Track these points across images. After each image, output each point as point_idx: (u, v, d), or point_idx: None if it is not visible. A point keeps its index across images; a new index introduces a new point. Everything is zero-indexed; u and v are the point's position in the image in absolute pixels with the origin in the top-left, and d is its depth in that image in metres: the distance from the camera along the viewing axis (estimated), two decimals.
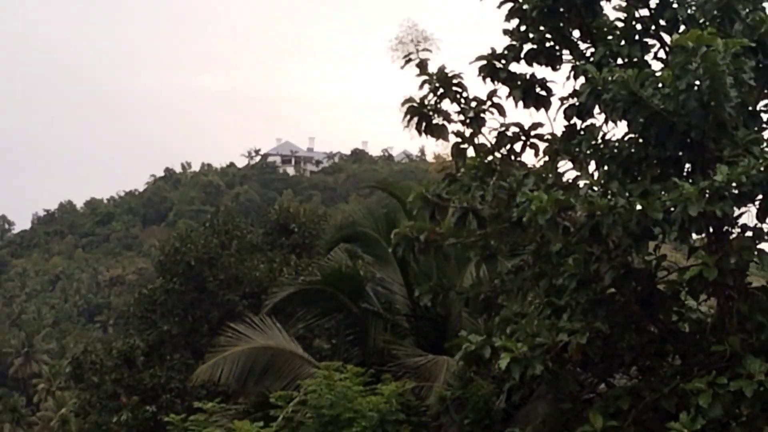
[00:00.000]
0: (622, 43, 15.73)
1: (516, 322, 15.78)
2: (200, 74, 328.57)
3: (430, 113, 16.90)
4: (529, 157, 16.92)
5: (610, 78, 14.26)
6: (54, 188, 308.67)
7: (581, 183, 15.16)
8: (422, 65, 16.92)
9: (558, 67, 16.82)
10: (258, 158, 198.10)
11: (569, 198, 14.09)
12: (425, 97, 16.88)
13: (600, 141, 15.41)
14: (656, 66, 15.86)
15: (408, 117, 16.95)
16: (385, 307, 21.78)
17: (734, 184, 13.28)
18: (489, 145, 16.85)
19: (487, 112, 16.84)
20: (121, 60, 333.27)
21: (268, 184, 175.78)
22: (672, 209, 13.52)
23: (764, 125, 15.24)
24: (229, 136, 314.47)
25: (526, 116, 17.43)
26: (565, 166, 16.34)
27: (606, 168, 15.03)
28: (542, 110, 16.89)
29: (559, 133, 16.65)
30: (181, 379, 31.25)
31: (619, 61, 15.59)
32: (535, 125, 16.86)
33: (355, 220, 24.07)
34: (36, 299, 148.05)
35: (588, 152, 15.32)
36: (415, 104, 16.86)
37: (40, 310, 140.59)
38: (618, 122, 15.05)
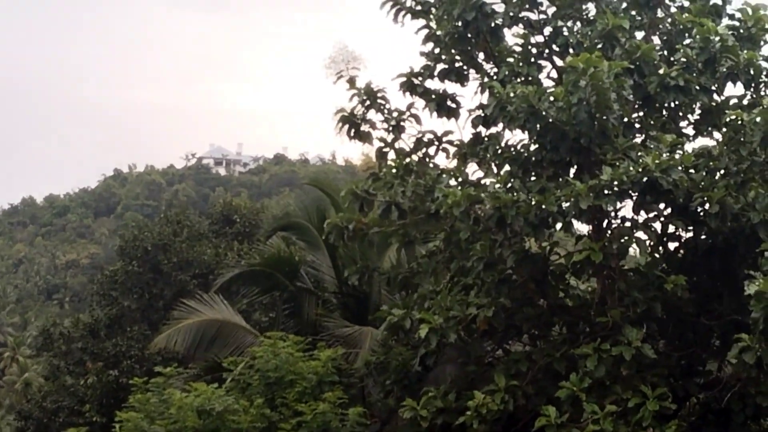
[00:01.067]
0: (521, 64, 15.88)
1: (432, 298, 15.86)
2: (145, 89, 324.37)
3: (359, 122, 16.94)
4: (441, 160, 17.08)
5: (512, 93, 14.39)
6: (17, 185, 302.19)
7: (487, 181, 15.32)
8: (352, 81, 16.94)
9: (465, 83, 16.94)
10: (194, 161, 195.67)
11: (479, 193, 14.22)
12: (354, 108, 16.92)
13: (503, 146, 15.61)
14: (547, 84, 16.09)
15: (340, 125, 17.02)
16: (316, 286, 21.65)
17: (616, 183, 13.52)
18: (407, 149, 16.93)
19: (406, 121, 16.92)
20: (77, 75, 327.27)
21: (202, 183, 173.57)
22: (565, 203, 13.73)
23: (637, 134, 15.57)
24: (169, 142, 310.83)
25: (439, 125, 17.65)
26: (472, 167, 16.61)
27: (509, 168, 15.21)
28: (453, 120, 17.01)
29: (466, 140, 16.85)
30: (140, 347, 30.78)
31: (519, 79, 15.75)
32: (447, 132, 16.96)
33: (289, 212, 24.05)
34: (1, 280, 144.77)
35: (493, 155, 15.49)
36: (345, 114, 16.89)
37: (4, 289, 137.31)
38: (518, 130, 15.24)
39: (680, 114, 15.95)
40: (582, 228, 15.47)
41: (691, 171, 14.00)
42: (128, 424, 15.63)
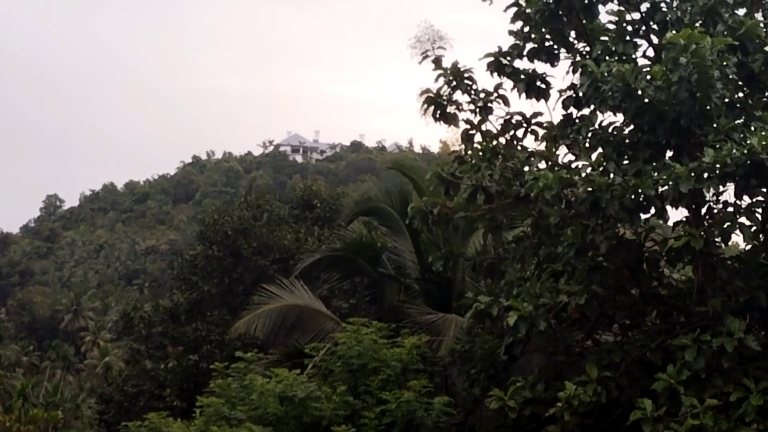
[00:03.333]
0: (616, 42, 15.33)
1: (520, 285, 15.50)
2: (224, 77, 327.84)
3: (444, 103, 16.58)
4: (529, 142, 16.63)
5: (607, 72, 13.91)
6: (99, 172, 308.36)
7: (579, 164, 14.78)
8: (437, 61, 16.57)
9: (556, 63, 16.46)
10: (271, 148, 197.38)
11: (572, 176, 13.75)
12: (440, 88, 16.57)
13: (596, 128, 15.09)
14: (643, 63, 15.46)
15: (425, 106, 16.65)
16: (398, 272, 21.46)
17: (718, 165, 12.92)
18: (495, 131, 16.54)
19: (493, 102, 16.53)
20: (161, 64, 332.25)
21: (279, 170, 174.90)
22: (663, 187, 13.18)
23: (739, 115, 14.91)
24: (247, 129, 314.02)
25: (528, 106, 17.21)
26: (562, 150, 16.10)
27: (602, 151, 14.70)
28: (542, 101, 16.56)
29: (556, 121, 16.38)
30: (220, 332, 30.84)
31: (614, 58, 15.16)
32: (536, 114, 16.53)
33: (371, 197, 23.72)
34: (83, 265, 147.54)
35: (586, 137, 14.98)
36: (431, 95, 16.54)
37: (86, 274, 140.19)
38: (612, 111, 14.74)
39: None
40: (675, 214, 14.85)
41: None
42: (209, 409, 15.52)
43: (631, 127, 14.52)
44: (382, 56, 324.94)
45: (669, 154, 14.51)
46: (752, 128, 13.99)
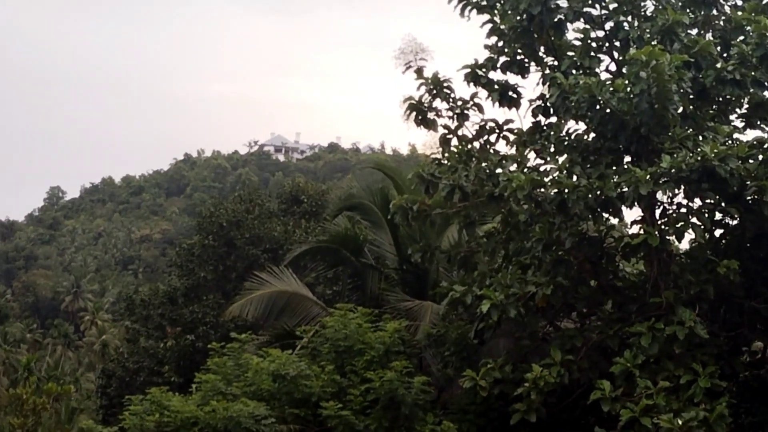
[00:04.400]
0: (582, 57, 15.44)
1: (491, 276, 15.59)
2: (215, 82, 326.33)
3: (425, 109, 16.66)
4: (501, 147, 16.70)
5: (575, 84, 14.02)
6: (98, 166, 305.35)
7: (548, 168, 14.89)
8: (419, 71, 16.65)
9: (526, 75, 16.53)
10: (256, 147, 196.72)
11: (542, 178, 13.87)
12: (422, 96, 16.64)
13: (564, 134, 15.20)
14: (605, 77, 15.59)
15: (408, 112, 16.71)
16: (379, 262, 21.43)
17: (674, 170, 13.08)
18: (470, 136, 16.64)
19: (469, 110, 16.63)
20: (158, 68, 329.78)
21: (263, 168, 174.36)
22: (624, 189, 13.32)
23: (691, 125, 15.06)
24: (234, 130, 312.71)
25: (501, 114, 17.27)
26: (531, 154, 16.19)
27: (568, 156, 14.79)
28: (513, 109, 16.64)
29: (526, 128, 16.44)
30: (214, 315, 30.74)
31: (579, 71, 15.29)
32: (508, 121, 16.61)
33: (354, 194, 23.78)
34: (83, 251, 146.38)
35: (554, 143, 15.09)
36: (413, 102, 16.61)
37: (85, 260, 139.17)
38: (578, 120, 14.85)
39: (730, 107, 15.43)
40: (630, 214, 15.00)
41: (746, 161, 13.46)
42: (206, 385, 15.47)
43: (595, 134, 14.62)
44: (357, 67, 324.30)
45: (628, 159, 14.67)
46: (704, 137, 14.16)
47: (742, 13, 15.03)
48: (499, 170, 15.31)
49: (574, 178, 13.92)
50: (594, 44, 15.75)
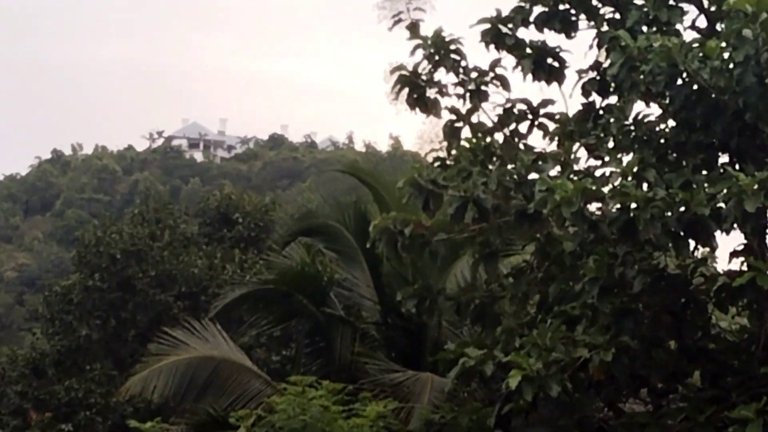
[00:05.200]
0: (657, 7, 15.48)
1: (522, 335, 15.52)
2: (93, 42, 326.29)
3: (423, 84, 16.70)
4: (536, 140, 16.77)
5: (647, 47, 14.05)
6: None
7: (607, 171, 14.92)
8: (414, 27, 16.71)
9: (573, 34, 16.66)
10: (161, 141, 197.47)
11: (598, 187, 13.84)
12: (417, 65, 16.66)
13: (630, 122, 15.21)
14: (692, 37, 15.69)
15: (397, 87, 16.72)
16: (351, 313, 21.60)
17: None
18: (490, 124, 16.65)
19: (489, 85, 16.69)
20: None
21: (171, 171, 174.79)
22: (721, 204, 13.31)
23: None
24: (126, 115, 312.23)
25: (535, 91, 17.29)
26: (580, 151, 16.21)
27: (638, 154, 14.81)
28: (554, 84, 16.75)
29: (573, 113, 16.51)
30: (103, 393, 30.88)
31: (653, 28, 15.35)
32: (546, 102, 16.71)
33: (314, 210, 23.77)
34: None
35: (616, 135, 15.09)
36: (405, 73, 16.62)
37: None
38: (652, 101, 14.90)
39: None
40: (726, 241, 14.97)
41: None
42: None
43: (677, 122, 14.70)
44: (313, 20, 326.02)
45: (726, 159, 14.80)
46: None
47: None
48: (533, 175, 15.31)
49: (646, 187, 13.87)
50: None
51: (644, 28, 15.27)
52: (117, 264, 33.86)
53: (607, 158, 15.19)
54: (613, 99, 15.96)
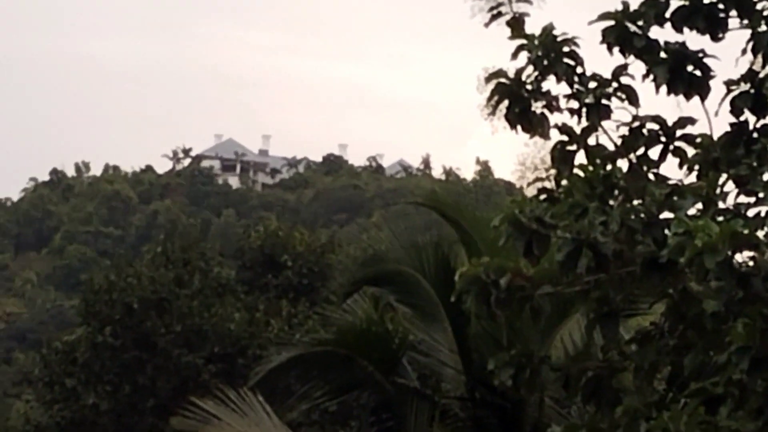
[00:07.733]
0: None
1: (651, 418, 15.47)
2: (103, 36, 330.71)
3: (526, 96, 16.69)
4: (671, 169, 16.68)
5: None
6: None
7: (763, 211, 14.86)
8: (517, 22, 16.73)
9: (722, 34, 16.57)
10: (187, 161, 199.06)
11: (751, 231, 13.76)
12: (521, 71, 16.65)
13: None
14: None
15: (494, 100, 16.74)
16: (427, 384, 21.59)
17: None
18: (612, 148, 16.61)
19: (612, 99, 16.63)
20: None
21: (200, 200, 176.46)
22: None
23: None
24: (145, 128, 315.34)
25: (671, 107, 17.25)
26: (728, 184, 16.16)
27: None
28: (695, 99, 16.66)
29: (718, 135, 16.44)
30: None
31: None
32: (684, 121, 16.60)
33: (383, 253, 23.89)
34: None
35: None
36: (506, 81, 16.62)
37: None
38: None
39: None
40: None
41: None
42: None
43: None
44: (378, 13, 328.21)
45: None
46: None
47: None
48: (666, 214, 15.25)
49: None
50: None
51: None
52: (133, 316, 34.20)
53: (762, 194, 15.13)
54: None
